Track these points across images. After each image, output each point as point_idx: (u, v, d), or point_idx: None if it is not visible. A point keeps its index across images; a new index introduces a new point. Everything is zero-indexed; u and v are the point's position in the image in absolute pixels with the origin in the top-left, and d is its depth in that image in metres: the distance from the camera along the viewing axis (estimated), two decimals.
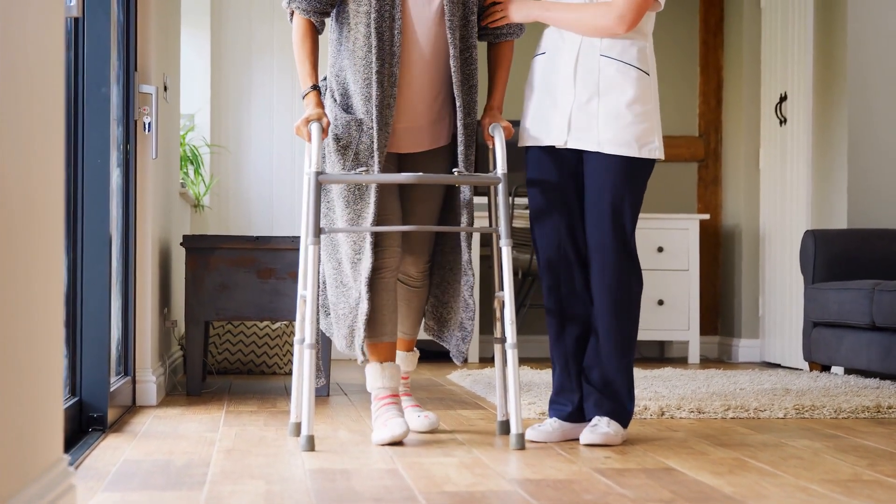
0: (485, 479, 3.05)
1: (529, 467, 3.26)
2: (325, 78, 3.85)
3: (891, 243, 6.20)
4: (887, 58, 6.42)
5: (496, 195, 3.79)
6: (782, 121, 6.98)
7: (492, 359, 7.11)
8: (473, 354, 7.08)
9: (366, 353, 3.77)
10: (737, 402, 4.64)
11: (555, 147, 3.78)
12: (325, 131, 3.69)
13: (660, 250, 7.23)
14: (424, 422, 3.86)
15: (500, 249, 3.75)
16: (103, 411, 3.89)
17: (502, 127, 3.79)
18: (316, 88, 3.75)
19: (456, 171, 3.73)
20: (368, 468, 3.21)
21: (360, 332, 3.70)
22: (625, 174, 3.70)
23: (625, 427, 3.75)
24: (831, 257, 6.23)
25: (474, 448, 3.59)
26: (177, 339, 5.92)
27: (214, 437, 3.80)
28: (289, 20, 3.85)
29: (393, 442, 3.62)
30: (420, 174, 3.63)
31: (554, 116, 3.75)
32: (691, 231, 7.27)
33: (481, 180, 3.71)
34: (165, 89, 5.02)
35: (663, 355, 7.75)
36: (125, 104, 4.48)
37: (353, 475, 3.10)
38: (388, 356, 3.82)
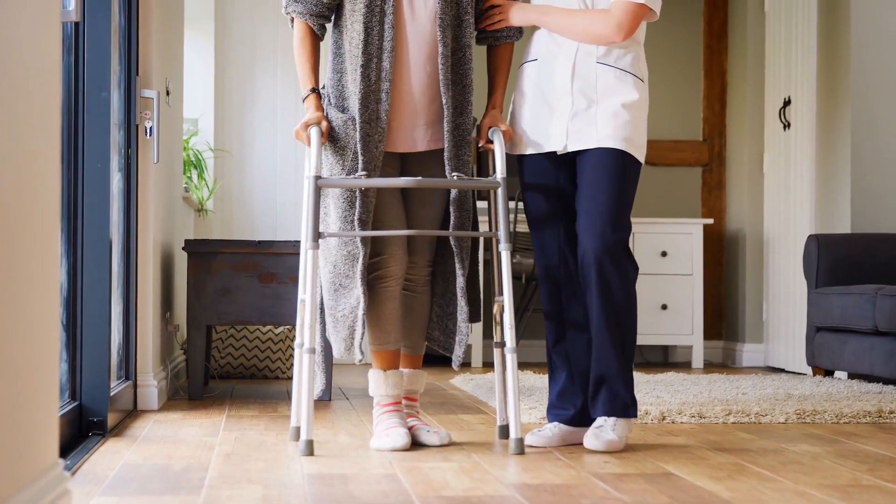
0: (483, 483, 3.05)
1: (528, 472, 3.26)
2: (325, 86, 3.84)
3: (894, 248, 6.19)
4: (891, 62, 6.41)
5: (496, 199, 3.78)
6: (786, 125, 6.97)
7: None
8: (476, 358, 7.08)
9: (364, 352, 3.75)
10: (738, 406, 4.64)
11: (551, 153, 3.77)
12: (324, 135, 3.69)
13: (663, 255, 7.23)
14: (435, 437, 3.76)
15: (499, 254, 3.74)
16: (103, 415, 3.90)
17: (502, 131, 3.78)
18: (315, 91, 3.75)
19: (455, 175, 3.72)
20: (367, 473, 3.21)
21: (359, 330, 3.68)
22: (622, 167, 3.70)
23: (634, 416, 3.72)
24: (834, 262, 6.22)
25: (473, 453, 3.58)
26: (179, 343, 5.92)
27: (214, 441, 3.80)
28: (290, 26, 3.85)
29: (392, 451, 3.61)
30: (418, 178, 3.62)
31: (552, 123, 3.75)
32: (695, 235, 7.26)
33: (480, 184, 3.71)
34: (168, 94, 5.03)
35: (667, 360, 7.74)
36: (126, 109, 4.48)
37: (352, 480, 3.10)
38: (392, 364, 3.81)
